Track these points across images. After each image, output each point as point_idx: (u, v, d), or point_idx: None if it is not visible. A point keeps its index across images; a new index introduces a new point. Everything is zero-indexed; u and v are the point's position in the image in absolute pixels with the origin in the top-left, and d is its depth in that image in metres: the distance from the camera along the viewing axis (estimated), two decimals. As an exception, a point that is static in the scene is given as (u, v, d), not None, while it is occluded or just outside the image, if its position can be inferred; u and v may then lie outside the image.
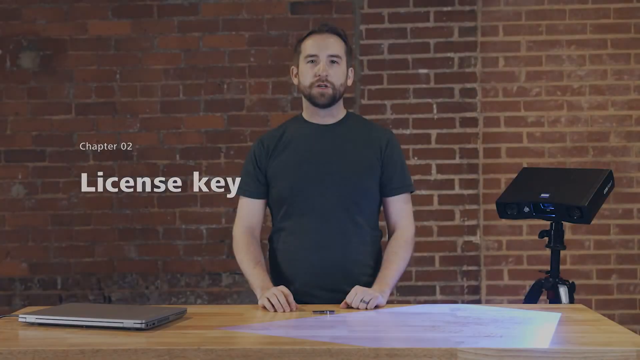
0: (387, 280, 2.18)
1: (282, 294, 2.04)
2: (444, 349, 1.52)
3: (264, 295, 2.06)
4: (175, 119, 4.01)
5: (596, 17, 3.97)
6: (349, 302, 2.06)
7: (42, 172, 4.01)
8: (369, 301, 2.05)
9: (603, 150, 3.98)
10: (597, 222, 3.92)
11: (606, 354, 1.50)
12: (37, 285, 4.01)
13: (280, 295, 2.03)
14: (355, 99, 3.99)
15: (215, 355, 1.54)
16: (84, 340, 1.63)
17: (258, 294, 2.13)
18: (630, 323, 3.90)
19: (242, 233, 2.31)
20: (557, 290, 2.64)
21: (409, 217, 2.34)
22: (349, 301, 2.06)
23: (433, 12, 3.98)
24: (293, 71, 2.36)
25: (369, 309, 2.04)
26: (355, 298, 2.06)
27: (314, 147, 2.29)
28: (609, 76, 3.98)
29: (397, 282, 2.27)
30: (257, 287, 2.17)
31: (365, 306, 2.04)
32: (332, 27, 2.30)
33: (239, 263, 2.29)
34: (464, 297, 3.97)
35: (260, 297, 2.10)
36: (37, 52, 4.02)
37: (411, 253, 2.32)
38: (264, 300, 2.04)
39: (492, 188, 3.97)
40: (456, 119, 3.98)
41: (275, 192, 2.30)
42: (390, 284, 2.18)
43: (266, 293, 2.06)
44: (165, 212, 4.01)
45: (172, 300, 4.00)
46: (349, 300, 2.07)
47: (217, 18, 4.01)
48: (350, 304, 2.06)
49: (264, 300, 2.04)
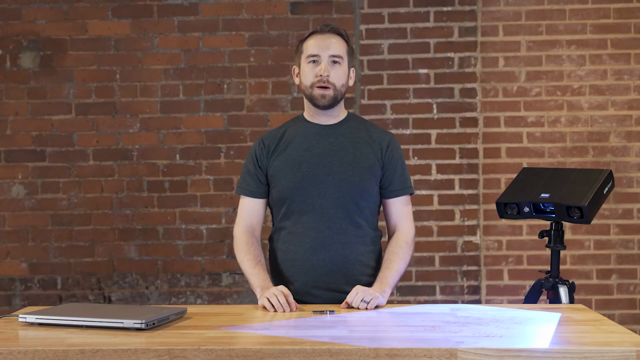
0: (387, 281, 2.18)
1: (282, 294, 2.04)
2: (444, 349, 1.52)
3: (264, 295, 2.06)
4: (175, 119, 4.01)
5: (596, 17, 3.97)
6: (349, 301, 2.07)
7: (42, 172, 4.01)
8: (369, 301, 2.05)
9: (603, 150, 3.98)
10: (597, 222, 3.93)
11: (606, 354, 1.50)
12: (37, 285, 4.01)
13: (280, 296, 2.03)
14: (355, 99, 3.99)
15: (215, 355, 1.54)
16: (84, 340, 1.63)
17: (258, 293, 2.13)
18: (630, 323, 3.90)
19: (243, 233, 2.31)
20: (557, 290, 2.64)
21: (409, 218, 2.34)
22: (350, 301, 2.06)
23: (433, 12, 3.98)
24: (294, 70, 2.36)
25: (369, 309, 2.04)
26: (355, 298, 2.06)
27: (314, 147, 2.29)
28: (609, 76, 3.98)
29: (398, 282, 2.27)
30: (257, 286, 2.17)
31: (365, 306, 2.04)
32: (335, 27, 2.30)
33: (239, 263, 2.29)
34: (464, 297, 3.97)
35: (260, 297, 2.10)
36: (37, 52, 4.02)
37: (411, 254, 2.32)
38: (263, 300, 2.05)
39: (492, 188, 3.97)
40: (456, 119, 3.98)
41: (275, 191, 2.30)
42: (391, 284, 2.18)
43: (266, 293, 2.06)
44: (165, 212, 4.01)
45: (172, 300, 4.00)
46: (349, 300, 2.07)
47: (217, 18, 4.01)
48: (350, 304, 2.06)
49: (263, 300, 2.05)
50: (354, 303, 2.05)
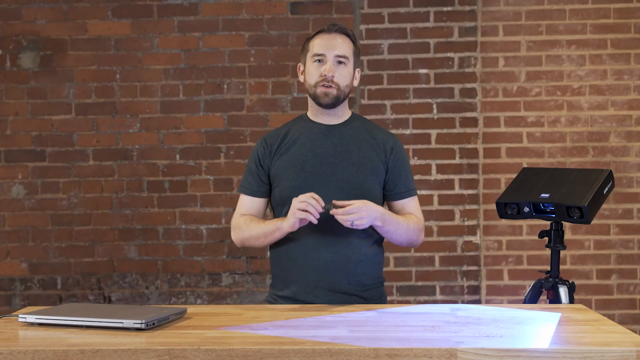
0: (385, 214, 2.18)
1: (311, 199, 2.07)
2: (444, 349, 1.52)
3: (294, 214, 2.10)
4: (175, 119, 4.01)
5: (596, 17, 3.97)
6: (340, 211, 2.07)
7: (42, 172, 4.01)
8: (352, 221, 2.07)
9: (603, 150, 3.98)
10: (597, 222, 3.93)
11: (606, 354, 1.50)
12: (37, 285, 4.01)
13: (308, 202, 2.06)
14: (355, 99, 3.99)
15: (215, 355, 1.53)
16: (84, 340, 1.63)
17: (285, 223, 2.15)
18: (630, 323, 3.90)
19: (241, 217, 2.33)
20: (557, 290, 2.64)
21: (418, 212, 2.35)
22: (340, 212, 2.07)
23: (433, 12, 3.98)
24: (300, 68, 2.35)
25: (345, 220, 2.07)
26: (349, 217, 2.06)
27: (318, 148, 2.29)
28: (609, 76, 3.98)
29: (390, 228, 2.22)
30: (276, 222, 2.20)
31: (348, 224, 2.07)
32: (341, 27, 2.29)
33: (247, 239, 2.29)
34: (464, 297, 3.97)
35: (289, 218, 2.12)
36: (37, 52, 4.02)
37: (417, 234, 2.30)
38: (298, 214, 2.08)
39: (492, 188, 3.97)
40: (456, 119, 3.98)
41: (278, 191, 2.29)
42: (387, 218, 2.18)
43: (293, 210, 2.10)
44: (165, 212, 4.01)
45: (172, 300, 4.00)
46: (342, 209, 2.07)
47: (217, 18, 4.01)
48: (340, 206, 2.08)
49: (298, 214, 2.08)
50: (340, 217, 2.07)
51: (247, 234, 2.29)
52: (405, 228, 2.24)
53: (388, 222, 2.18)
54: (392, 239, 2.26)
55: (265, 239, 2.26)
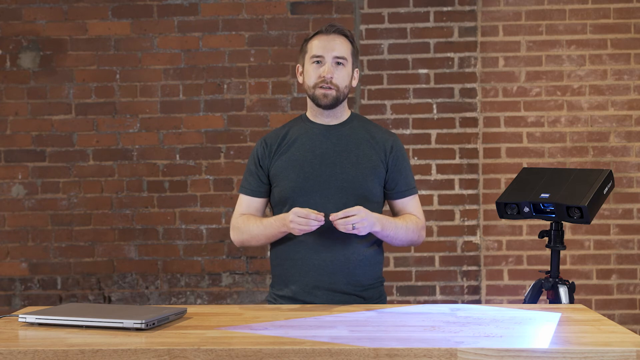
0: (383, 220, 2.18)
1: (303, 213, 2.07)
2: (444, 349, 1.52)
3: (289, 225, 2.10)
4: (175, 119, 4.01)
5: (596, 17, 3.97)
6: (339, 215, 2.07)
7: (42, 172, 4.01)
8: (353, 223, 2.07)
9: (603, 150, 3.98)
10: (597, 222, 3.93)
11: (606, 354, 1.50)
12: (37, 285, 4.01)
13: (303, 215, 2.07)
14: (355, 99, 3.99)
15: (215, 355, 1.53)
16: (84, 340, 1.63)
17: (284, 223, 2.16)
18: (630, 323, 3.90)
19: (240, 217, 2.34)
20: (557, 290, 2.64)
21: (419, 210, 2.35)
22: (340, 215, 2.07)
23: (433, 12, 3.98)
24: (298, 69, 2.35)
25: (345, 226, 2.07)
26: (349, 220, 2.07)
27: (317, 148, 2.29)
28: (609, 76, 3.98)
29: (390, 233, 2.22)
30: (273, 221, 2.21)
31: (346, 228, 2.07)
32: (340, 28, 2.29)
33: (247, 239, 2.30)
34: (464, 297, 3.97)
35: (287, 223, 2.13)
36: (37, 52, 4.02)
37: (418, 234, 2.30)
38: (294, 226, 2.09)
39: (492, 188, 3.97)
40: (456, 119, 3.98)
41: (277, 191, 2.30)
42: (384, 223, 2.18)
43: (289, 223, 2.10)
44: (165, 212, 4.01)
45: (172, 300, 4.00)
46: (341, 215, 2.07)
47: (217, 18, 4.01)
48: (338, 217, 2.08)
49: (294, 226, 2.09)
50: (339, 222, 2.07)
51: (246, 234, 2.30)
52: (404, 230, 2.25)
53: (387, 227, 2.19)
54: (393, 243, 2.27)
55: (265, 240, 2.28)
